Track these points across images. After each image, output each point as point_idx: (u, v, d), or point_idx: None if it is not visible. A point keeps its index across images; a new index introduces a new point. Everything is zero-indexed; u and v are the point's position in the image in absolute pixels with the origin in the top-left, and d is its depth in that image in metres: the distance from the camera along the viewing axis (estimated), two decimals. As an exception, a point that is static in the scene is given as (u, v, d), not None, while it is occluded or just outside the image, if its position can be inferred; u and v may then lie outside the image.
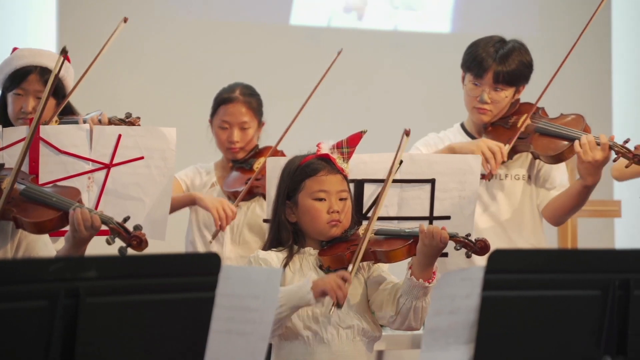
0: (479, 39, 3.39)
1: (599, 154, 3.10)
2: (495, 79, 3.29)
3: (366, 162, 3.12)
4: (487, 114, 3.32)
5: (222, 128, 3.58)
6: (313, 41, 5.59)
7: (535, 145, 3.27)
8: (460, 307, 1.79)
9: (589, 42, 3.35)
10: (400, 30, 5.79)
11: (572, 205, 3.28)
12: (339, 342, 2.77)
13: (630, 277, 1.81)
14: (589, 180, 3.16)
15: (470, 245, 2.76)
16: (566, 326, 1.83)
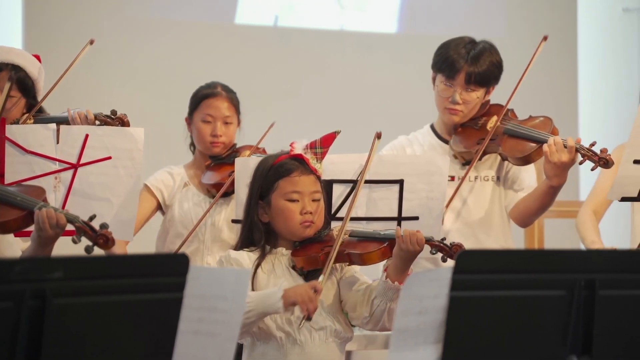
0: (450, 40, 3.40)
1: (565, 156, 3.13)
2: (467, 79, 3.31)
3: (335, 163, 3.12)
4: (458, 114, 3.34)
5: (206, 122, 3.54)
6: (258, 41, 5.54)
7: (504, 147, 3.29)
8: (428, 308, 1.80)
9: (555, 43, 3.38)
10: (347, 30, 5.77)
11: (539, 206, 3.30)
12: (312, 344, 2.77)
13: (596, 277, 1.82)
14: (555, 181, 3.19)
15: (446, 249, 2.77)
16: (533, 326, 1.84)
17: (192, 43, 5.44)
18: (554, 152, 3.12)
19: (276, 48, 5.59)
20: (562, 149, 3.12)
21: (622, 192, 3.21)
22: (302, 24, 5.69)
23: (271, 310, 2.66)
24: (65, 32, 5.14)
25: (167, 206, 3.58)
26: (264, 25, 5.62)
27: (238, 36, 5.54)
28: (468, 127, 3.37)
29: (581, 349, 1.83)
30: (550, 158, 3.13)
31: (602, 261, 1.84)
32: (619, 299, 1.84)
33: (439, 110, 3.37)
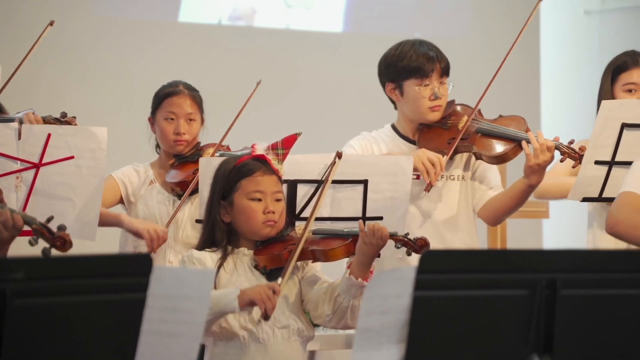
0: (397, 48, 3.37)
1: (547, 155, 3.17)
2: (441, 72, 3.33)
3: (299, 163, 3.12)
4: (440, 110, 3.35)
5: (169, 120, 3.53)
6: (203, 39, 5.49)
7: (479, 146, 3.30)
8: (392, 307, 1.81)
9: (518, 45, 3.40)
10: (293, 28, 5.74)
11: (514, 204, 3.32)
12: (275, 342, 2.78)
13: (557, 276, 1.84)
14: (534, 179, 3.22)
15: (410, 243, 2.78)
16: (495, 325, 1.85)
17: (136, 41, 5.36)
18: (538, 154, 3.16)
19: (221, 47, 5.53)
20: (545, 150, 3.16)
21: (584, 192, 3.25)
22: (247, 23, 5.64)
23: (227, 310, 2.66)
24: (13, 32, 5.07)
25: (131, 202, 3.55)
26: (208, 24, 5.56)
27: (182, 35, 5.47)
28: (436, 127, 3.37)
29: (542, 348, 1.85)
30: (535, 159, 3.16)
31: (564, 261, 1.86)
32: (579, 298, 1.86)
33: (420, 113, 3.34)
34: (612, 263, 1.90)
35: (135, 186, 3.56)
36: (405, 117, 3.41)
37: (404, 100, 3.36)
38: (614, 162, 3.17)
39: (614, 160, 3.17)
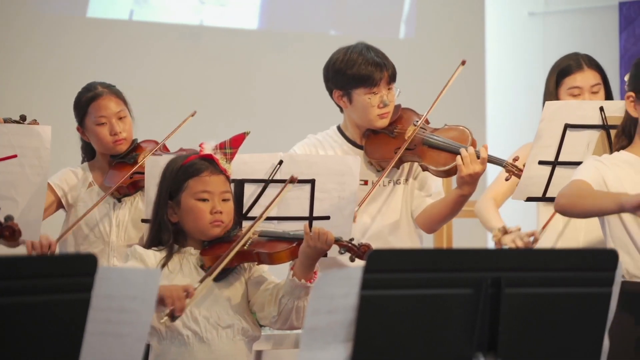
0: (344, 55, 3.36)
1: (478, 167, 3.18)
2: (389, 80, 3.34)
3: (247, 162, 3.11)
4: (388, 117, 3.36)
5: (101, 124, 3.48)
6: (113, 35, 5.39)
7: (425, 158, 3.30)
8: (338, 307, 1.81)
9: (463, 46, 3.43)
10: (207, 25, 5.66)
11: (448, 213, 3.35)
12: (219, 342, 2.77)
13: (502, 275, 1.86)
14: (467, 190, 3.25)
15: (354, 249, 2.79)
16: (441, 324, 1.87)
17: (45, 36, 5.24)
18: (468, 164, 3.18)
19: (132, 43, 5.42)
20: (475, 160, 3.18)
21: (527, 192, 3.29)
22: (159, 19, 5.54)
23: None
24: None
25: (70, 205, 3.51)
26: (118, 19, 5.46)
27: (90, 30, 5.36)
28: (382, 134, 3.37)
29: (487, 346, 1.87)
30: (465, 170, 3.18)
31: (508, 260, 1.88)
32: (523, 296, 1.88)
33: (367, 120, 3.34)
34: (555, 262, 1.92)
35: (74, 189, 3.51)
36: (353, 123, 3.41)
37: (352, 107, 3.36)
38: (557, 162, 3.22)
39: (558, 160, 3.22)
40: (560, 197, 2.78)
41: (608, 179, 2.77)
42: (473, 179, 3.20)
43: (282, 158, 3.13)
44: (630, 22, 6.43)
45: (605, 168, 2.79)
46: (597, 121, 3.20)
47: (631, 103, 2.81)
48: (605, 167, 2.79)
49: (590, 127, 3.20)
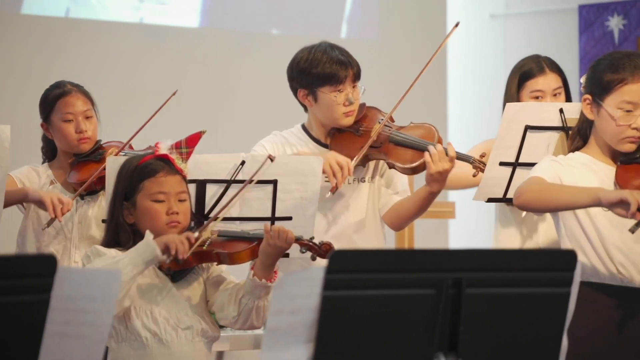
0: (309, 54, 3.36)
1: (446, 164, 3.20)
2: (353, 77, 3.34)
3: (209, 163, 3.10)
4: (353, 115, 3.36)
5: (67, 121, 3.45)
6: (49, 33, 5.30)
7: (391, 156, 3.31)
8: (300, 307, 1.81)
9: (425, 47, 3.44)
10: (147, 23, 5.60)
11: (416, 210, 3.36)
12: (178, 343, 2.76)
13: (463, 275, 1.87)
14: (436, 187, 3.26)
15: (315, 248, 2.79)
16: (403, 324, 1.87)
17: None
18: (437, 162, 3.19)
19: (68, 40, 5.34)
20: (443, 158, 3.19)
21: (489, 193, 3.31)
22: (97, 16, 5.47)
23: (149, 256, 2.64)
24: None
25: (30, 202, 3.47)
26: (53, 17, 5.37)
27: (25, 27, 5.27)
28: (348, 133, 3.38)
29: (448, 346, 1.88)
30: (434, 167, 3.19)
31: (469, 260, 1.89)
32: (484, 297, 1.89)
33: (332, 118, 3.34)
34: (516, 262, 1.94)
35: (35, 186, 3.48)
36: (317, 121, 3.41)
37: (318, 106, 3.36)
38: (517, 163, 3.24)
39: (518, 161, 3.24)
40: (522, 192, 2.76)
41: (564, 179, 2.79)
42: (442, 176, 3.22)
43: (244, 158, 3.12)
44: (590, 25, 6.51)
45: (561, 167, 2.82)
46: (557, 123, 3.23)
47: (588, 105, 2.84)
48: (561, 167, 2.82)
49: (550, 129, 3.23)
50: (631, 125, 2.76)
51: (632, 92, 2.76)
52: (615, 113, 2.76)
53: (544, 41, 6.43)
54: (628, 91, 2.76)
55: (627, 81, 2.76)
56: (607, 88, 2.78)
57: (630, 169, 2.80)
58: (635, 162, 2.81)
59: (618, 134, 2.79)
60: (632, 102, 2.76)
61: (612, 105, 2.77)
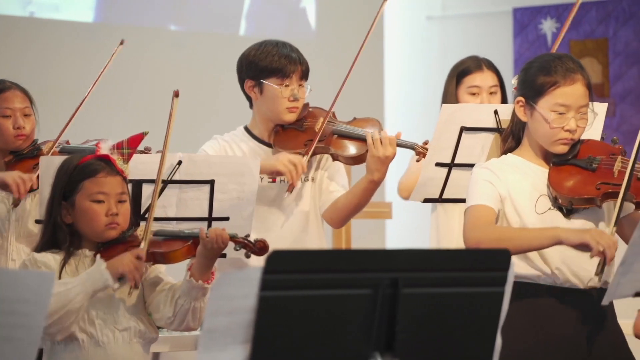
0: (259, 47, 3.37)
1: (388, 150, 3.23)
2: (301, 75, 3.35)
3: (145, 163, 3.08)
4: (296, 111, 3.37)
5: (5, 116, 3.42)
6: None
7: (336, 147, 3.33)
8: (238, 308, 1.80)
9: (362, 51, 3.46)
10: (38, 17, 5.47)
11: (357, 203, 3.36)
12: (115, 345, 2.73)
13: (399, 275, 1.88)
14: (377, 175, 3.27)
15: (250, 245, 2.79)
16: (340, 325, 1.88)
17: None
18: (379, 146, 3.22)
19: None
20: (385, 143, 3.22)
21: (425, 193, 3.34)
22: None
23: (100, 285, 2.62)
24: None
25: None
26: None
27: None
28: (291, 129, 3.39)
29: (384, 346, 1.89)
30: (375, 152, 3.21)
31: (405, 260, 1.91)
32: (420, 296, 1.91)
33: (276, 112, 3.35)
34: (451, 262, 1.96)
35: None
36: (261, 117, 3.41)
37: (263, 98, 3.37)
38: (453, 164, 3.28)
39: (454, 162, 3.28)
40: (479, 241, 2.69)
41: (501, 192, 2.80)
42: (383, 163, 3.24)
43: (181, 158, 3.11)
44: (524, 28, 6.61)
45: (496, 179, 2.80)
46: (491, 124, 3.27)
47: (521, 107, 2.88)
48: (496, 179, 2.80)
49: (485, 130, 3.27)
50: (564, 127, 2.80)
51: (565, 95, 2.80)
52: (549, 115, 2.80)
53: (480, 43, 6.51)
54: (561, 94, 2.80)
55: (560, 84, 2.80)
56: (540, 91, 2.82)
57: (563, 171, 2.84)
58: (568, 164, 2.85)
59: (551, 136, 2.82)
60: (564, 105, 2.80)
61: (545, 107, 2.81)
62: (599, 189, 2.79)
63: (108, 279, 2.63)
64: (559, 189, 2.79)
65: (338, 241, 4.97)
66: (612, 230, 2.69)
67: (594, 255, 2.63)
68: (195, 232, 2.78)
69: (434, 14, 6.85)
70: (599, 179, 2.81)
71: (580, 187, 2.79)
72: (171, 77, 5.55)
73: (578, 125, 2.81)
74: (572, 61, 2.83)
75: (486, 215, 2.75)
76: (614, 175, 2.81)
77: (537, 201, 2.81)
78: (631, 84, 6.39)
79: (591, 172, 2.83)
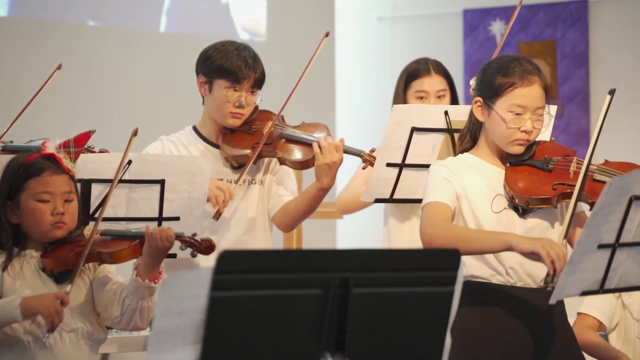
0: (221, 45, 3.35)
1: (336, 156, 3.24)
2: (254, 83, 3.33)
3: (94, 162, 3.05)
4: (241, 118, 3.35)
5: None
6: None
7: (283, 151, 3.33)
8: (188, 308, 1.79)
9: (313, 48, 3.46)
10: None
11: (306, 209, 3.38)
12: (62, 346, 2.70)
13: (350, 275, 1.89)
14: (326, 182, 3.28)
15: (196, 244, 2.78)
16: (291, 325, 1.88)
17: None
18: (326, 153, 3.22)
19: None
20: (332, 150, 3.23)
21: (376, 193, 3.36)
22: None
23: (9, 320, 2.56)
24: None
25: None
26: None
27: None
28: (240, 132, 3.38)
29: (335, 346, 1.89)
30: (324, 158, 3.22)
31: (356, 260, 1.91)
32: (370, 296, 1.92)
33: (220, 115, 3.34)
34: (401, 262, 1.97)
35: None
36: (210, 117, 3.40)
37: (210, 97, 3.36)
38: (404, 164, 3.30)
39: (405, 162, 3.30)
40: (434, 238, 2.72)
41: (458, 190, 2.83)
42: (331, 169, 3.25)
43: (131, 158, 3.08)
44: (474, 29, 6.67)
45: (454, 177, 2.83)
46: (442, 125, 3.30)
47: (479, 108, 2.90)
48: (453, 176, 2.83)
49: (436, 131, 3.30)
50: (520, 128, 2.84)
51: (522, 96, 2.83)
52: (506, 116, 2.83)
53: (430, 44, 6.56)
54: (518, 95, 2.83)
55: (517, 85, 2.83)
56: (498, 91, 2.85)
57: (519, 171, 2.88)
58: (524, 164, 2.89)
59: (508, 137, 2.86)
60: (521, 106, 2.83)
61: (502, 108, 2.84)
62: (555, 189, 2.83)
63: (17, 317, 2.58)
64: (516, 188, 2.83)
65: (289, 241, 4.97)
66: (563, 241, 2.71)
67: (547, 264, 2.64)
68: (142, 231, 2.77)
69: (384, 15, 6.88)
70: (555, 180, 2.85)
71: (536, 187, 2.83)
72: (91, 74, 5.49)
73: (534, 127, 2.84)
74: (530, 63, 2.87)
75: (443, 213, 2.78)
76: (570, 176, 2.85)
77: (494, 200, 2.84)
78: (578, 85, 6.48)
79: (547, 173, 2.87)
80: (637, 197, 2.53)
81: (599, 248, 2.53)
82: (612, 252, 2.55)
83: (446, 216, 2.78)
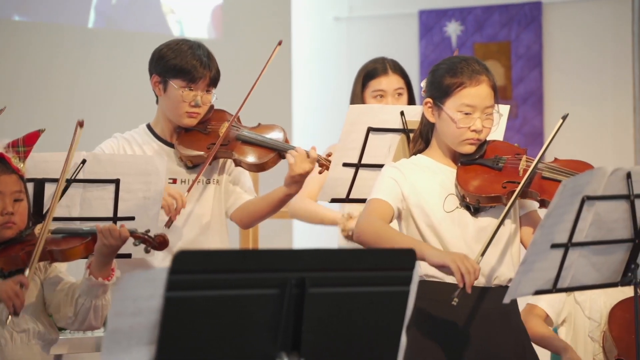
0: (175, 44, 3.33)
1: (308, 166, 3.24)
2: (210, 82, 3.31)
3: (47, 161, 3.02)
4: (197, 117, 3.33)
5: None
6: None
7: (239, 153, 3.32)
8: (142, 308, 1.78)
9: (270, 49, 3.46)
10: None
11: (269, 211, 3.38)
12: (13, 347, 2.67)
13: (306, 275, 1.89)
14: (294, 189, 3.30)
15: (149, 240, 2.77)
16: (247, 325, 1.88)
17: None
18: (299, 163, 3.23)
19: None
20: (305, 159, 3.24)
21: (332, 193, 3.36)
22: None
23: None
24: None
25: None
26: None
27: None
28: (195, 132, 3.36)
29: (290, 346, 1.89)
30: (296, 169, 3.22)
31: (312, 260, 1.91)
32: (326, 296, 1.92)
33: (176, 115, 3.32)
34: (357, 262, 1.97)
35: None
36: (165, 116, 3.38)
37: (165, 97, 3.34)
38: (360, 164, 3.31)
39: (361, 162, 3.31)
40: (362, 232, 2.79)
41: (405, 191, 2.86)
42: (303, 178, 3.27)
43: (85, 157, 3.05)
44: (429, 30, 6.71)
45: (403, 178, 2.87)
46: (398, 125, 3.31)
47: (429, 109, 2.93)
48: (402, 178, 2.87)
49: (392, 131, 3.31)
50: (470, 127, 2.87)
51: (470, 96, 2.86)
52: (455, 116, 2.86)
53: (386, 44, 6.58)
54: (467, 94, 2.86)
55: (465, 85, 2.86)
56: (447, 92, 2.87)
57: (470, 170, 2.90)
58: (475, 163, 2.92)
59: (458, 136, 2.88)
60: (470, 105, 2.86)
61: (452, 108, 2.86)
62: (504, 187, 2.86)
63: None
64: (467, 187, 2.85)
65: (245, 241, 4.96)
66: (479, 259, 2.74)
67: (458, 278, 2.66)
68: (94, 229, 2.74)
69: (341, 15, 6.89)
70: (504, 178, 2.88)
71: (487, 186, 2.86)
72: (20, 71, 5.41)
73: (484, 126, 2.87)
74: (478, 63, 2.90)
75: (381, 210, 2.81)
76: (519, 174, 2.88)
77: (446, 200, 2.87)
78: (532, 86, 6.55)
79: (497, 171, 2.90)
80: (589, 197, 2.56)
81: (552, 248, 2.57)
82: (564, 252, 2.59)
83: (384, 214, 2.82)
